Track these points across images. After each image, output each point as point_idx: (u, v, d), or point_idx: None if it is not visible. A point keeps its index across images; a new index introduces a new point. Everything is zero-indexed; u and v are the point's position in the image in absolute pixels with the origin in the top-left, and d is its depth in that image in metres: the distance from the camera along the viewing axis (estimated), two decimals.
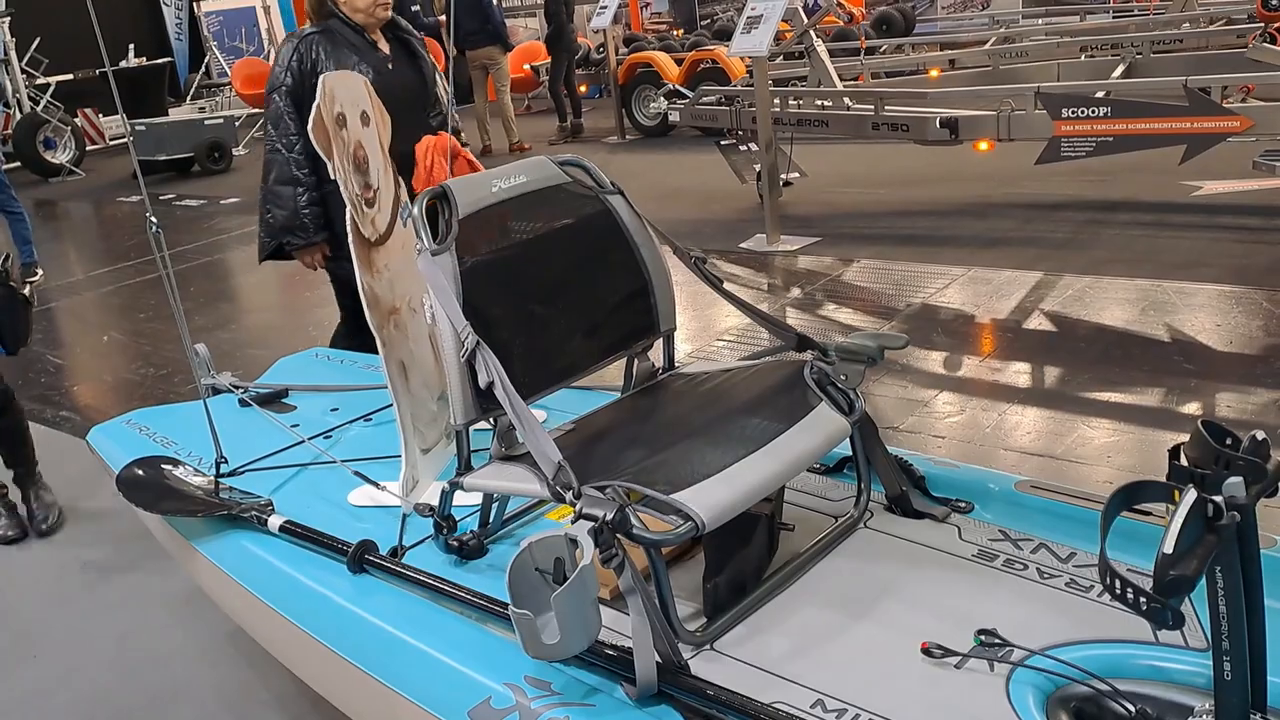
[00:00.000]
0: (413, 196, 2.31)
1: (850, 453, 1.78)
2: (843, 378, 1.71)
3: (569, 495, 1.45)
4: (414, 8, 9.48)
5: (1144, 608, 1.04)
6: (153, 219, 2.05)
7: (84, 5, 2.08)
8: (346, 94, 1.92)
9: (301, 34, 2.93)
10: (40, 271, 6.97)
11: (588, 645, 1.33)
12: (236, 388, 2.59)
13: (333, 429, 2.36)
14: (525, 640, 1.31)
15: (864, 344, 1.72)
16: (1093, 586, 1.50)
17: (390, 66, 2.95)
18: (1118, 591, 1.06)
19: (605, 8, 9.92)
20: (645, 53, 10.45)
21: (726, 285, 1.98)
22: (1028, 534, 1.65)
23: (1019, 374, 3.86)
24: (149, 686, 2.55)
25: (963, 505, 1.74)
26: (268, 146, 2.97)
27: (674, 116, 7.21)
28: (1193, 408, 3.44)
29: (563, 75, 10.49)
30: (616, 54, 10.25)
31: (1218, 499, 1.05)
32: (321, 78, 1.88)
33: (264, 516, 1.92)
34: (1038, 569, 1.56)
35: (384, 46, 2.99)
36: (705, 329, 4.60)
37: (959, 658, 1.37)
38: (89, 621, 2.86)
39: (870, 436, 1.74)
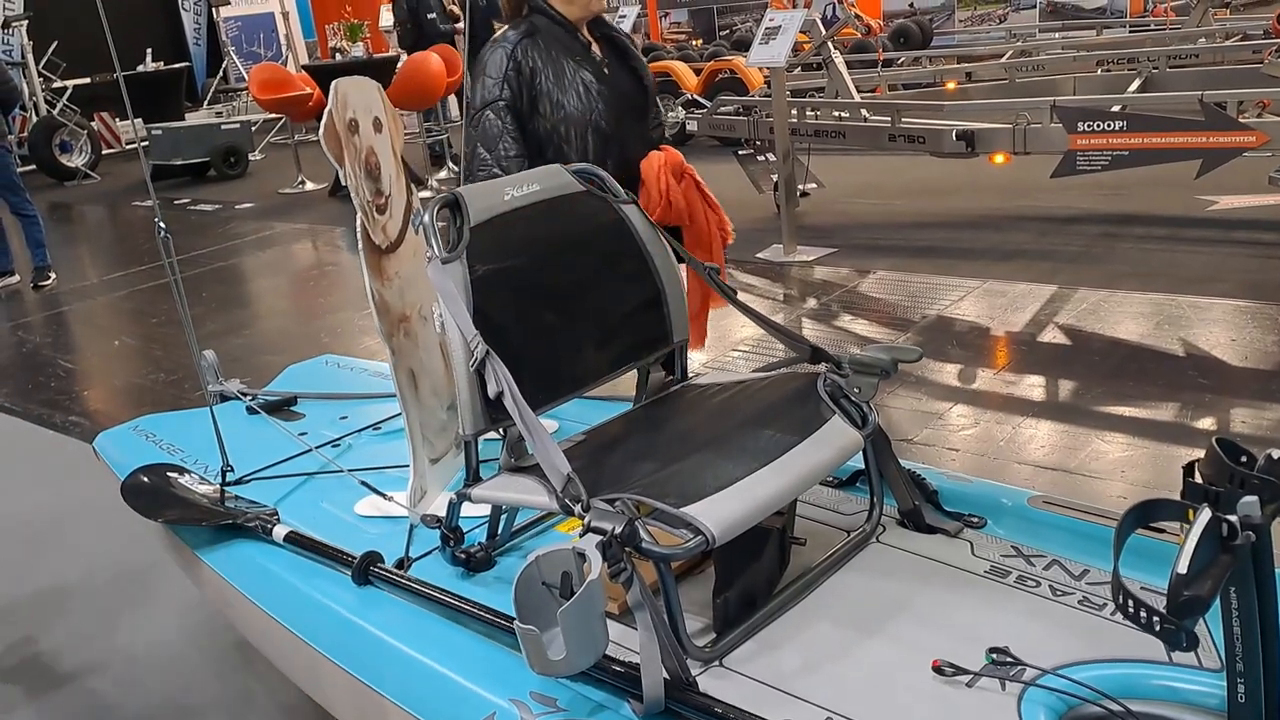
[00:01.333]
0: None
1: (863, 466, 1.76)
2: (856, 390, 1.70)
3: (578, 508, 1.44)
4: (429, 15, 9.53)
5: (1158, 628, 1.02)
6: (161, 224, 2.05)
7: (102, 10, 2.09)
8: (360, 99, 1.92)
9: (510, 39, 2.51)
10: (53, 275, 7.05)
11: (594, 661, 1.32)
12: (244, 395, 2.59)
13: (341, 437, 2.35)
14: (531, 656, 1.30)
15: (878, 357, 1.71)
16: (1106, 605, 1.48)
17: (607, 71, 2.56)
18: (1131, 611, 1.04)
19: (624, 17, 9.97)
20: (663, 62, 10.45)
21: (742, 295, 1.97)
22: (1041, 550, 1.63)
23: (1033, 387, 3.83)
24: (152, 696, 2.54)
25: (975, 520, 1.72)
26: (477, 168, 2.50)
27: (692, 126, 7.21)
28: (1207, 423, 3.40)
29: None
30: None
31: (1232, 518, 1.03)
32: (334, 83, 1.88)
33: (269, 526, 1.91)
34: (1050, 586, 1.54)
35: (596, 47, 2.58)
36: (720, 339, 4.59)
37: (970, 676, 1.35)
38: (93, 629, 2.86)
39: (883, 450, 1.72)
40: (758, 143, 6.57)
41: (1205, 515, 1.02)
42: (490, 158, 2.46)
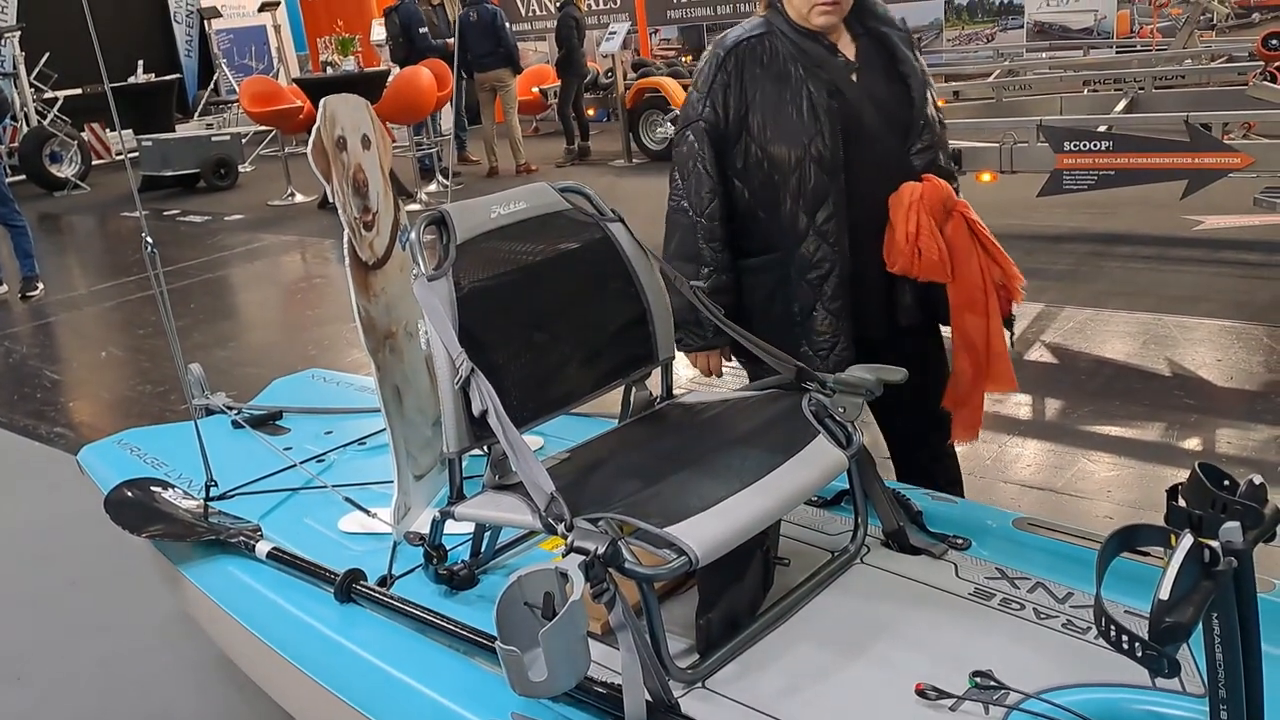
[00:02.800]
0: (873, 269, 1.98)
1: (848, 486, 1.76)
2: (841, 410, 1.70)
3: (561, 527, 1.43)
4: (421, 29, 9.56)
5: (1140, 655, 1.02)
6: (148, 239, 2.04)
7: (92, 21, 2.09)
8: (348, 117, 1.92)
9: (727, 41, 2.07)
10: (41, 285, 7.01)
11: (576, 683, 1.31)
12: (230, 409, 2.58)
13: (325, 453, 2.34)
14: (512, 677, 1.29)
15: (862, 377, 1.71)
16: (1089, 628, 1.48)
17: (855, 78, 2.03)
18: (1113, 638, 1.04)
19: (615, 33, 10.01)
20: (653, 78, 10.50)
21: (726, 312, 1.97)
22: (1025, 573, 1.63)
23: (1019, 406, 3.84)
24: (133, 711, 2.52)
25: (960, 542, 1.71)
26: (671, 202, 2.11)
27: None
28: (1193, 443, 3.42)
29: (571, 99, 10.56)
30: (625, 79, 10.31)
31: (1214, 544, 1.03)
32: (322, 101, 1.88)
33: (252, 542, 1.90)
34: (1034, 609, 1.54)
35: (848, 49, 2.06)
36: None
37: (954, 700, 1.34)
38: (75, 642, 2.83)
39: (868, 470, 1.72)
40: None
41: (1187, 541, 1.02)
42: (681, 187, 2.09)
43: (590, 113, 11.26)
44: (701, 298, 1.95)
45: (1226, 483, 1.09)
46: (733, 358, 2.22)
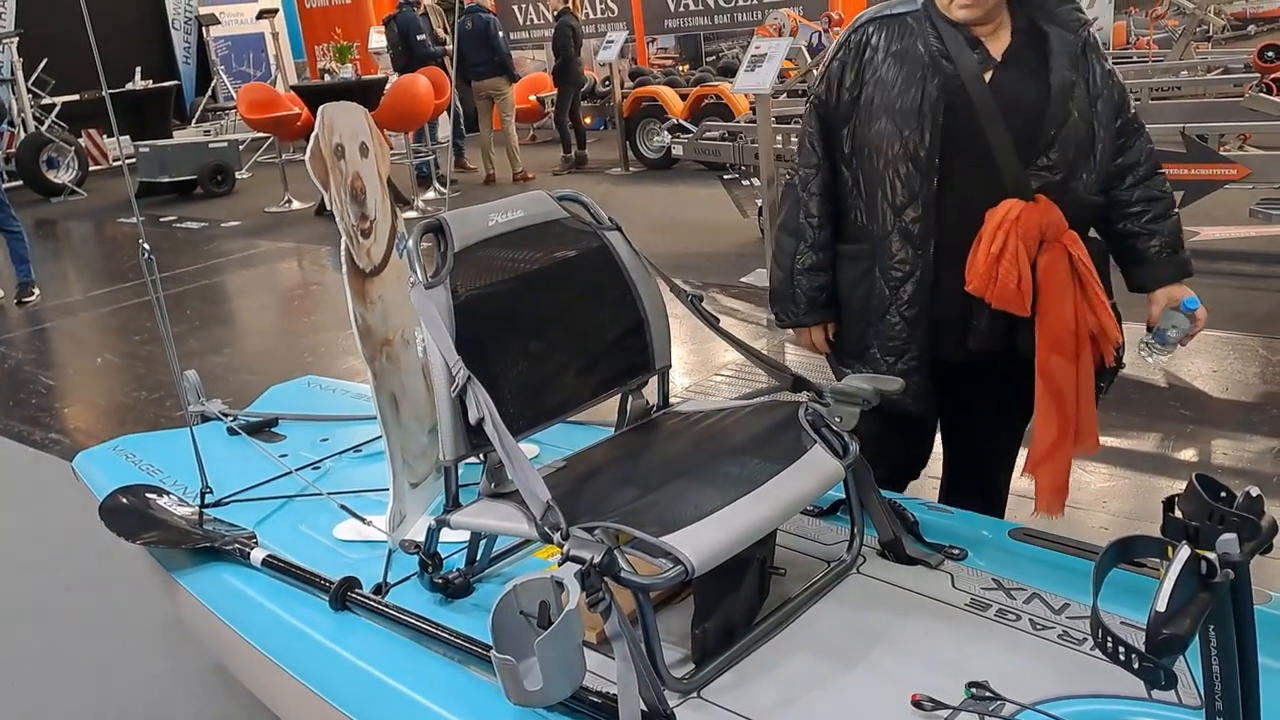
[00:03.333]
0: (957, 283, 1.81)
1: (844, 496, 1.76)
2: (838, 420, 1.70)
3: (556, 536, 1.42)
4: (419, 37, 9.57)
5: (1136, 666, 1.02)
6: (145, 245, 2.04)
7: (70, 24, 2.09)
8: (346, 125, 1.92)
9: (860, 19, 1.95)
10: (36, 290, 7.00)
11: (571, 692, 1.30)
12: (226, 415, 2.57)
13: (321, 460, 2.33)
14: (507, 686, 1.28)
15: (860, 386, 1.71)
16: (1086, 639, 1.48)
17: (989, 77, 1.83)
18: (1110, 649, 1.04)
19: (612, 42, 10.04)
20: (650, 87, 10.54)
21: (726, 320, 1.97)
22: (1021, 583, 1.63)
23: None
24: (125, 713, 2.50)
25: (956, 552, 1.71)
26: (787, 174, 2.13)
27: (677, 150, 7.26)
28: (1189, 454, 3.42)
29: (568, 107, 10.58)
30: (622, 87, 10.34)
31: (1211, 556, 1.03)
32: (321, 109, 1.88)
33: (247, 550, 1.89)
34: (1030, 620, 1.54)
35: (997, 44, 1.85)
36: (704, 363, 4.59)
37: (950, 711, 1.34)
38: (69, 649, 2.81)
39: (864, 480, 1.72)
40: (743, 168, 6.62)
41: (1184, 553, 1.02)
42: (798, 160, 2.04)
43: (587, 121, 11.28)
44: (697, 306, 1.94)
45: (1223, 494, 1.09)
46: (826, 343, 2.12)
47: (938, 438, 2.20)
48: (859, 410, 1.71)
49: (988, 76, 1.83)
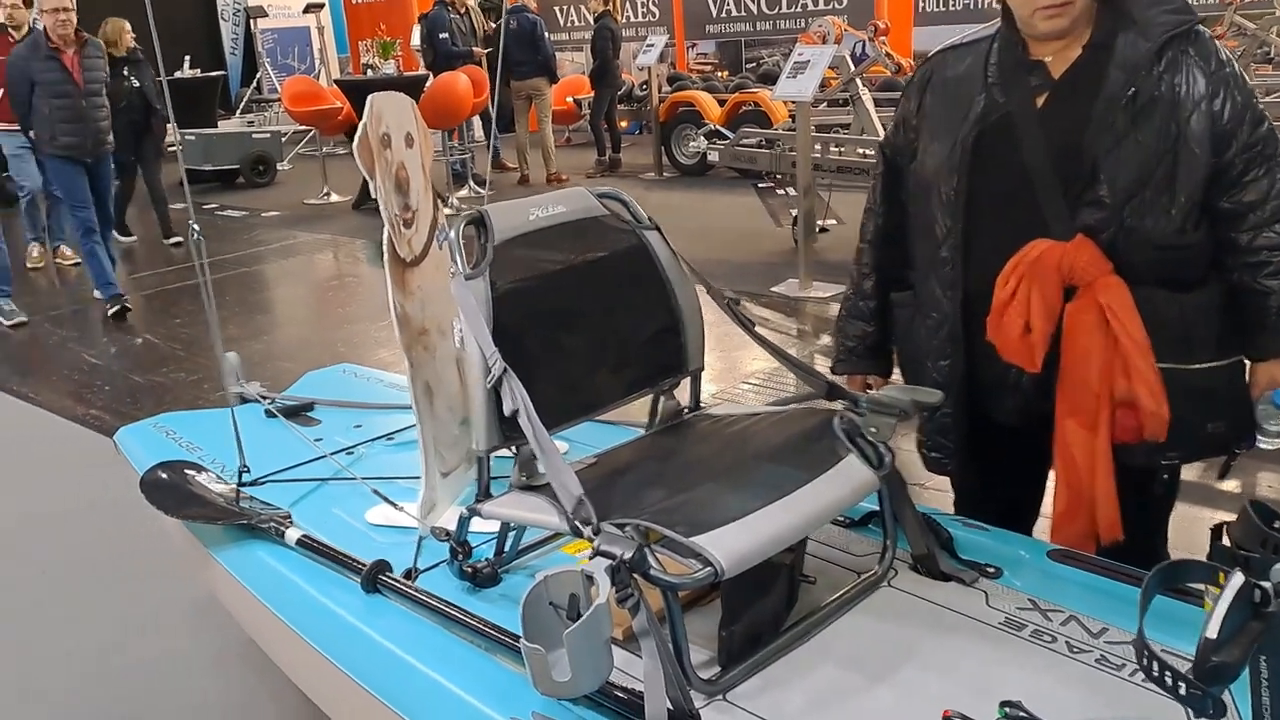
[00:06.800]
0: (973, 356, 1.73)
1: (877, 507, 1.74)
2: (873, 430, 1.68)
3: (588, 531, 1.42)
4: (442, 35, 9.61)
5: (1183, 693, 1.00)
6: (195, 226, 2.07)
7: (143, 16, 2.13)
8: (393, 115, 1.93)
9: (933, 52, 1.85)
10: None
11: (598, 685, 1.30)
12: (264, 398, 2.60)
13: (355, 445, 2.35)
14: (535, 676, 1.28)
15: (897, 397, 1.69)
16: (1124, 665, 1.45)
17: (1042, 102, 1.67)
18: (1156, 674, 1.02)
19: (652, 46, 10.05)
20: (688, 92, 10.54)
21: (757, 329, 1.96)
22: (1058, 605, 1.60)
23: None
24: (154, 690, 2.54)
25: (991, 570, 1.69)
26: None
27: (713, 156, 7.25)
28: (1231, 484, 3.35)
29: (604, 110, 10.60)
30: (659, 92, 10.34)
31: (1265, 585, 1.01)
32: (370, 98, 1.89)
33: (282, 529, 1.92)
34: (1067, 642, 1.51)
35: (1061, 63, 1.66)
36: (731, 369, 4.58)
37: None
38: (102, 621, 2.85)
39: (898, 492, 1.70)
40: (778, 176, 6.59)
41: (1237, 580, 1.00)
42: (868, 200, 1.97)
43: (623, 125, 11.30)
44: (734, 310, 1.93)
45: (1278, 524, 1.07)
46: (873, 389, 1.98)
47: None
48: (895, 422, 1.69)
49: (1040, 101, 1.66)
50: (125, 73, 7.23)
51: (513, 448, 1.69)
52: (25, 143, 6.32)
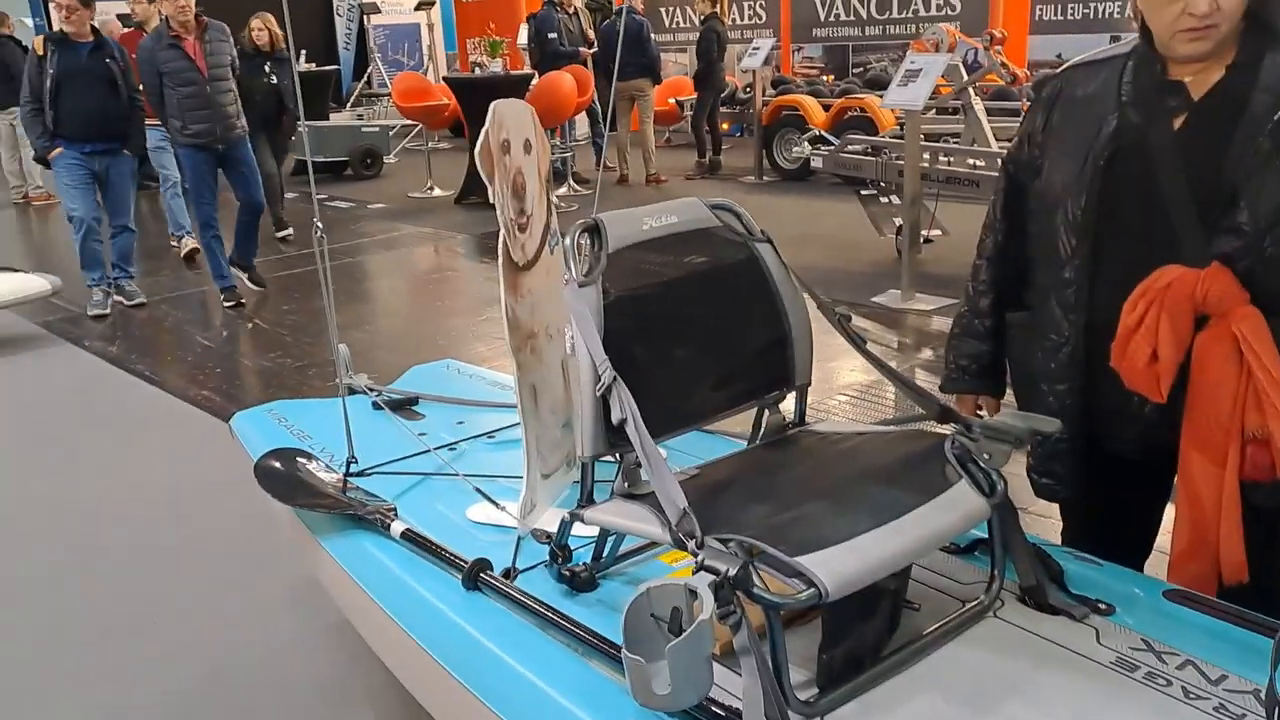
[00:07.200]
0: (1093, 382, 1.70)
1: (985, 535, 1.69)
2: (986, 456, 1.63)
3: (691, 544, 1.43)
4: (551, 35, 9.74)
5: None
6: (318, 224, 2.15)
7: (254, 11, 2.22)
8: (514, 121, 1.97)
9: (1061, 68, 1.82)
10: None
11: (698, 700, 1.30)
12: (371, 390, 2.69)
13: (457, 441, 2.41)
14: (635, 686, 1.29)
15: (1012, 424, 1.64)
16: (1245, 715, 1.38)
17: (1180, 124, 1.60)
18: None
19: (758, 49, 10.00)
20: (792, 96, 10.45)
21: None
22: (1174, 648, 1.53)
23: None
24: (252, 666, 2.65)
25: (1103, 607, 1.62)
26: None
27: (817, 162, 7.17)
28: None
29: (706, 112, 10.60)
30: (763, 95, 10.29)
31: None
32: (493, 105, 1.93)
33: (387, 521, 1.97)
34: (1183, 687, 1.44)
35: (1202, 83, 1.60)
36: (827, 380, 4.52)
37: None
38: (204, 597, 2.99)
39: (1009, 521, 1.65)
40: (883, 184, 6.48)
41: None
42: (985, 221, 1.95)
43: (724, 127, 11.27)
44: (845, 326, 1.91)
45: None
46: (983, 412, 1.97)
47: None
48: (1010, 449, 1.64)
49: (1178, 122, 1.60)
50: (267, 69, 7.50)
51: (616, 455, 1.71)
52: (165, 135, 6.56)
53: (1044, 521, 3.12)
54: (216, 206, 6.26)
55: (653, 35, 10.00)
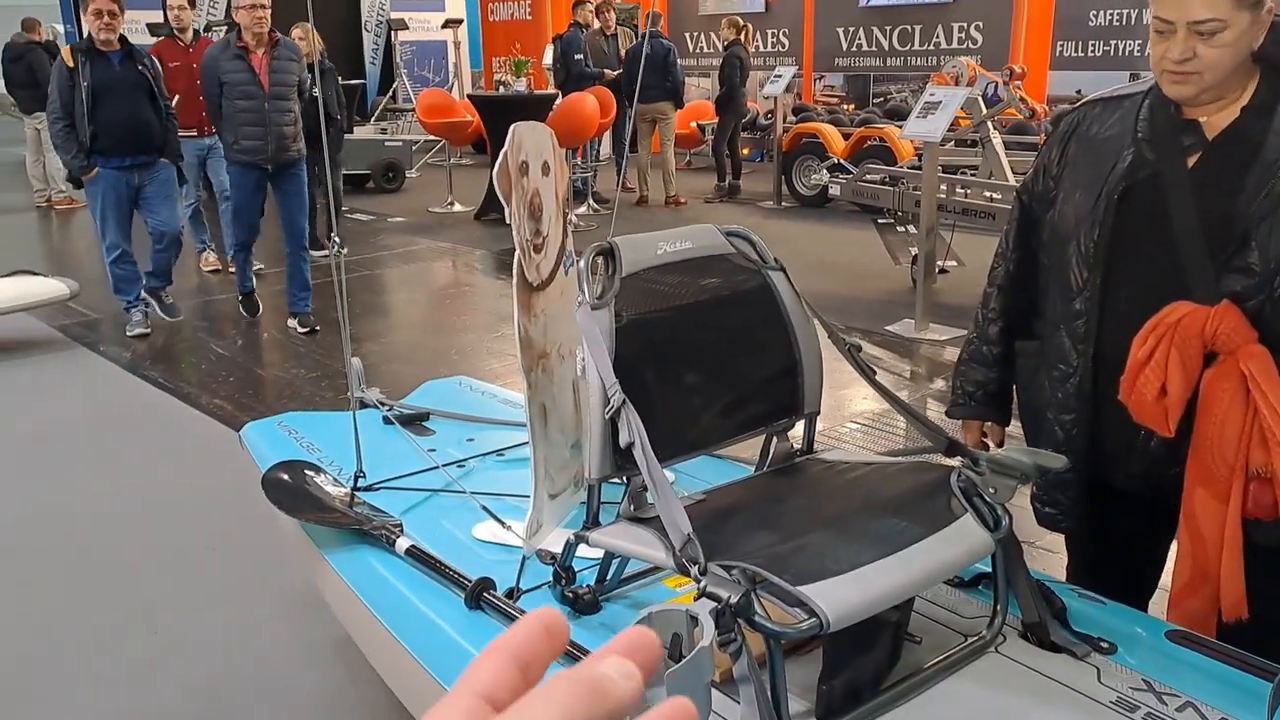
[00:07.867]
0: (1100, 415, 1.72)
1: (989, 568, 1.69)
2: (992, 490, 1.64)
3: (694, 570, 1.43)
4: (577, 56, 9.82)
5: None
6: (337, 238, 2.17)
7: (287, 24, 2.26)
8: (533, 143, 2.00)
9: (1088, 98, 1.84)
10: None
11: None
12: (382, 404, 2.71)
13: (466, 459, 2.42)
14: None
15: (1019, 459, 1.64)
16: None
17: (1194, 162, 1.63)
18: None
19: (780, 76, 10.05)
20: (813, 124, 10.48)
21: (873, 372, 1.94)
22: (1174, 689, 1.52)
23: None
24: (250, 676, 2.66)
25: (1105, 645, 1.62)
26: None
27: (835, 190, 7.19)
28: None
29: (727, 137, 10.65)
30: (784, 122, 10.34)
31: None
32: (513, 127, 1.96)
33: (393, 537, 1.98)
34: None
35: (1218, 122, 1.63)
36: (838, 408, 4.52)
37: None
38: (206, 605, 3.00)
39: (1013, 556, 1.65)
40: (899, 213, 6.49)
41: None
42: (996, 250, 1.97)
43: (745, 152, 11.33)
44: (855, 356, 1.92)
45: None
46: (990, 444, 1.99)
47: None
48: (1016, 484, 1.64)
49: (1192, 161, 1.63)
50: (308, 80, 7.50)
51: (623, 477, 1.71)
52: (201, 149, 6.43)
53: (1049, 556, 3.10)
54: (258, 230, 6.08)
55: (679, 60, 10.07)
